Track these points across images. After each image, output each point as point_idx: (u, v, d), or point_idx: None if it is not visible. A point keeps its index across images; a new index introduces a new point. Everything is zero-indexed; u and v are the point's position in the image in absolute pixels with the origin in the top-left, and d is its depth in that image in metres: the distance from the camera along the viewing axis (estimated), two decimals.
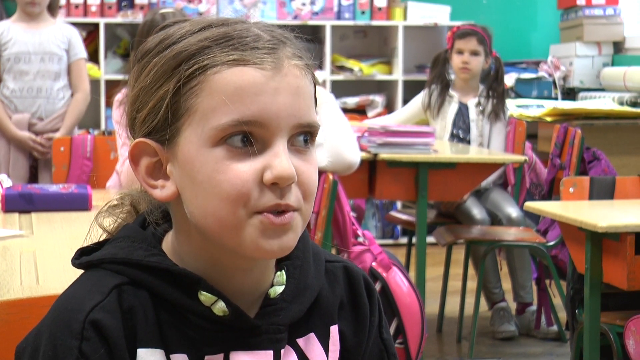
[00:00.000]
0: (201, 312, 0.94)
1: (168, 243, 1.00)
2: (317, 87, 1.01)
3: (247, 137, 0.92)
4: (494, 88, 4.10)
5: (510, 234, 3.79)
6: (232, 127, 0.91)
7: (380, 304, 1.07)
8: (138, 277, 0.95)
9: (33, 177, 4.02)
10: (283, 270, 1.00)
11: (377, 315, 1.06)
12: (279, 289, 0.99)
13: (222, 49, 0.93)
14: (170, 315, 0.95)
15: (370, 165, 3.53)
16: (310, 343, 1.00)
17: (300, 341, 1.00)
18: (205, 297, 0.94)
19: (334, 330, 1.02)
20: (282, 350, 0.97)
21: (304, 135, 0.95)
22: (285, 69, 0.93)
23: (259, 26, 0.96)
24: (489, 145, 4.10)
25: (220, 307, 0.94)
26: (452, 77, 4.24)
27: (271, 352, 0.96)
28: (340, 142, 3.00)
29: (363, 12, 5.81)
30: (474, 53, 4.08)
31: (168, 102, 0.93)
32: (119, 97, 2.93)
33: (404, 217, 4.31)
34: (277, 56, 0.94)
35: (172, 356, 0.94)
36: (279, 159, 0.91)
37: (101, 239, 1.03)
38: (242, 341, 0.96)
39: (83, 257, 0.99)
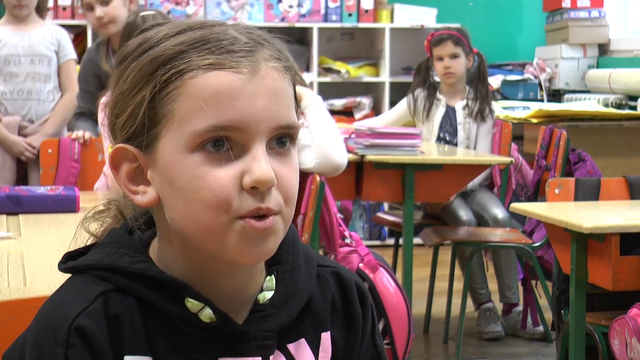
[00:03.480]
0: (188, 319, 0.94)
1: (154, 249, 0.99)
2: (304, 89, 1.01)
3: (225, 143, 0.91)
4: (479, 88, 4.12)
5: (496, 235, 3.81)
6: (210, 133, 0.90)
7: (373, 311, 1.06)
8: (124, 284, 0.94)
9: (23, 179, 4.01)
10: (272, 275, 0.99)
11: (370, 322, 1.05)
12: (268, 294, 0.98)
13: (198, 53, 0.92)
14: (157, 322, 0.94)
15: (357, 167, 3.54)
16: (300, 349, 1.00)
17: (291, 347, 0.99)
18: (191, 303, 0.94)
19: (326, 337, 1.02)
20: (272, 357, 0.97)
21: (283, 137, 0.94)
22: (263, 72, 0.93)
23: (237, 28, 0.95)
24: (475, 147, 4.12)
25: (207, 314, 0.94)
26: (437, 79, 4.26)
27: (259, 358, 0.96)
28: (327, 143, 3.01)
29: (350, 15, 5.82)
30: (453, 56, 4.10)
31: (145, 108, 0.92)
32: (104, 100, 2.93)
33: (390, 218, 4.32)
34: (254, 59, 0.93)
35: None
36: (258, 163, 0.90)
37: (89, 242, 1.02)
38: (230, 347, 0.95)
39: (69, 262, 0.98)
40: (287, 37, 1.01)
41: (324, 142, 3.00)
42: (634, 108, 4.96)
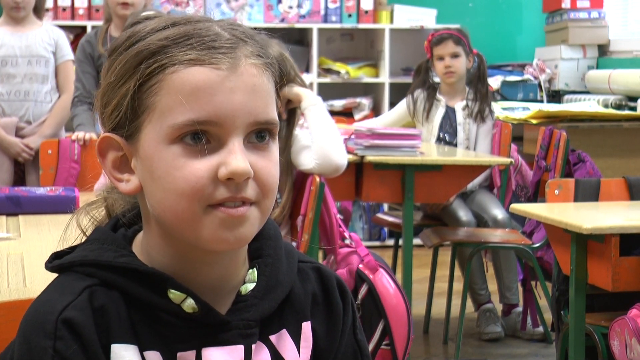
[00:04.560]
0: (171, 310, 0.96)
1: (138, 242, 1.02)
2: (304, 89, 1.03)
3: (202, 136, 0.94)
4: (479, 88, 4.12)
5: (496, 235, 3.81)
6: (188, 127, 0.93)
7: (354, 305, 1.09)
8: (108, 278, 0.97)
9: (20, 180, 4.01)
10: (254, 268, 1.02)
11: (350, 315, 1.08)
12: (250, 286, 1.01)
13: (180, 49, 0.95)
14: (141, 314, 0.96)
15: (357, 168, 3.54)
16: (282, 339, 1.02)
17: (273, 337, 1.02)
18: (174, 294, 0.96)
19: (306, 326, 1.04)
20: (254, 346, 0.99)
21: (262, 131, 0.96)
22: (242, 68, 0.95)
23: (222, 24, 0.98)
24: (475, 148, 4.13)
25: (189, 304, 0.96)
26: (437, 80, 4.26)
27: (242, 346, 0.98)
28: (327, 144, 3.01)
29: (350, 15, 5.83)
30: (454, 55, 4.10)
31: (129, 100, 0.96)
32: None
33: (390, 219, 4.32)
34: (235, 55, 0.95)
35: (145, 353, 0.96)
36: (234, 156, 0.93)
37: (79, 240, 1.04)
38: (213, 337, 0.97)
39: (55, 261, 1.01)
40: (271, 34, 1.02)
41: (323, 142, 3.01)
42: (634, 109, 4.96)
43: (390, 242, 5.19)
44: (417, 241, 3.92)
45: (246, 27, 0.99)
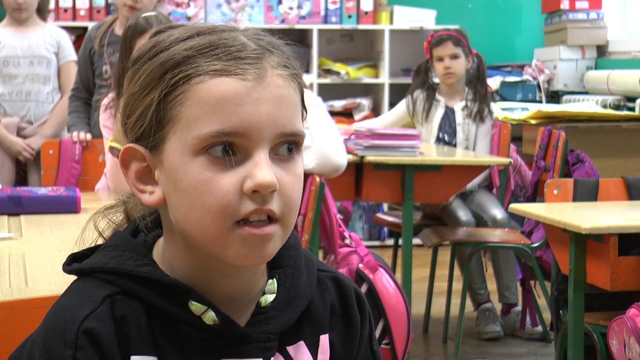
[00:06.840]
0: (192, 322, 0.96)
1: (159, 250, 1.01)
2: (305, 90, 1.02)
3: (228, 147, 0.92)
4: (478, 89, 4.13)
5: (495, 235, 3.82)
6: (214, 138, 0.92)
7: (371, 317, 1.08)
8: (129, 287, 0.96)
9: (23, 180, 4.02)
10: (274, 279, 1.01)
11: (367, 327, 1.07)
12: (270, 297, 1.00)
13: (206, 59, 0.93)
14: (162, 324, 0.96)
15: (357, 168, 3.55)
16: (299, 351, 1.02)
17: (290, 349, 1.01)
18: (195, 306, 0.96)
19: (324, 339, 1.04)
20: (272, 359, 0.99)
21: (288, 144, 0.95)
22: (268, 79, 0.94)
23: (247, 34, 0.97)
24: (474, 148, 4.14)
25: (210, 317, 0.96)
26: (436, 80, 4.27)
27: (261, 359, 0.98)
28: (327, 144, 3.02)
29: (350, 16, 5.84)
30: (454, 56, 4.11)
31: (154, 110, 0.94)
32: (105, 101, 2.94)
33: (390, 219, 4.33)
34: (261, 66, 0.94)
35: None
36: (260, 168, 0.92)
37: (95, 242, 1.04)
38: (232, 349, 0.97)
39: (74, 264, 1.00)
40: (292, 42, 1.02)
41: (324, 143, 3.02)
42: (632, 109, 4.97)
43: (390, 242, 5.20)
44: (416, 241, 3.92)
45: (272, 37, 0.98)
